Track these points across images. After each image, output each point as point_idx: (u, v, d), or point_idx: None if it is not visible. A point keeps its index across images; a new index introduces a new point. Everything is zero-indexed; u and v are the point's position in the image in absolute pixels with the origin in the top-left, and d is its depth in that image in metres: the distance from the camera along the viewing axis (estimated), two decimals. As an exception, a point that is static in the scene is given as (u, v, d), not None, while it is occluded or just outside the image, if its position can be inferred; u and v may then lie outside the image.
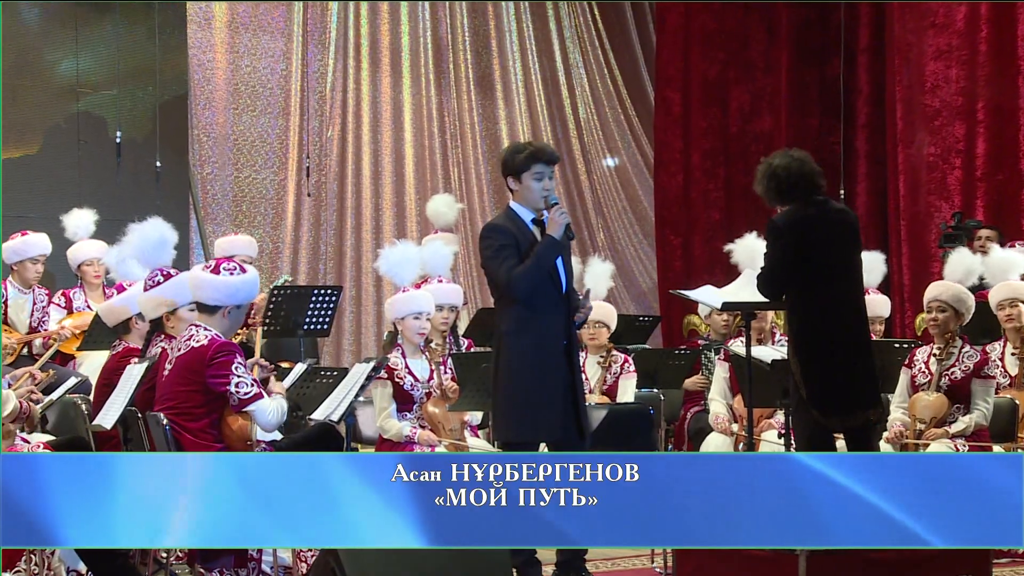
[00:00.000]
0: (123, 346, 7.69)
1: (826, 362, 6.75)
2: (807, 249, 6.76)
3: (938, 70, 11.89)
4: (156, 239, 7.70)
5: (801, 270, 6.76)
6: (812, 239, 6.77)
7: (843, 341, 6.81)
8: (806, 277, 6.77)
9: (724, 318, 10.02)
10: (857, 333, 6.94)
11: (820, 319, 6.78)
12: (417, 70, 14.07)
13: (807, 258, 6.76)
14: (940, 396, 8.05)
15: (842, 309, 6.85)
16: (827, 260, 6.81)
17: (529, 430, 6.53)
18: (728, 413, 8.63)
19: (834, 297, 6.83)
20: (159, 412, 6.48)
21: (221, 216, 12.99)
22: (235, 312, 6.64)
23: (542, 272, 6.51)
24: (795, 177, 6.88)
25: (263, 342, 9.64)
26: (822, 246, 6.80)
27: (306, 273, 13.41)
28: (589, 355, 9.19)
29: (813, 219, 6.83)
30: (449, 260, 9.34)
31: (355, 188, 13.74)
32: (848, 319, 6.87)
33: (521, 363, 6.50)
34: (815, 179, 6.91)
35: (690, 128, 13.80)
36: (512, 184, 6.65)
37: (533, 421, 6.50)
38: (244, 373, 6.46)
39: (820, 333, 6.77)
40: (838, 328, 6.80)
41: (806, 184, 6.89)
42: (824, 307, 6.78)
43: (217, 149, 13.05)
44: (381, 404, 8.07)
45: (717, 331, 10.12)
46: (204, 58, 12.99)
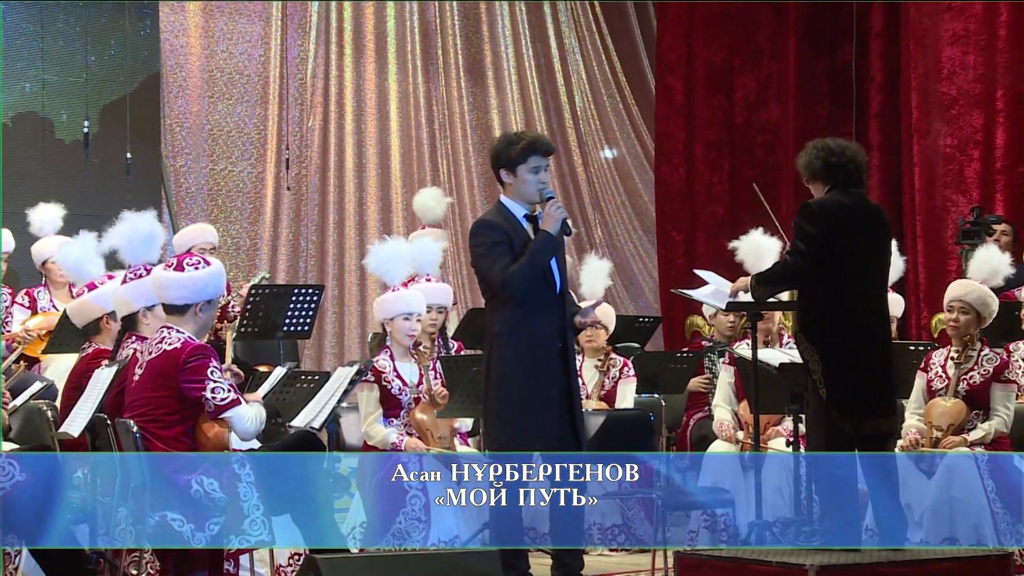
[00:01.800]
0: (93, 348, 7.66)
1: (851, 361, 6.77)
2: (841, 239, 6.77)
3: (955, 56, 11.89)
4: (147, 232, 7.67)
5: (832, 260, 6.78)
6: (848, 229, 6.79)
7: (869, 341, 6.83)
8: (836, 268, 6.79)
9: (730, 318, 10.03)
10: (883, 336, 6.96)
11: (848, 315, 6.79)
12: (404, 56, 14.06)
13: (840, 248, 6.77)
14: (958, 402, 8.06)
15: (871, 308, 6.88)
16: (860, 254, 6.83)
17: (522, 439, 6.53)
18: (733, 420, 8.63)
19: (864, 294, 6.85)
20: (129, 419, 6.47)
21: (195, 211, 12.96)
22: (206, 309, 6.64)
23: (537, 271, 6.51)
24: (848, 160, 6.94)
25: (238, 344, 9.65)
26: (857, 238, 6.82)
27: (286, 271, 13.39)
28: (586, 358, 9.19)
29: (851, 209, 6.86)
30: (438, 257, 9.33)
31: (338, 181, 13.72)
32: (875, 320, 6.89)
33: (514, 367, 6.51)
34: (864, 171, 6.98)
35: (693, 118, 13.79)
36: (505, 177, 6.65)
37: (526, 429, 6.50)
38: (220, 378, 6.45)
39: (847, 330, 6.79)
40: (865, 327, 6.82)
41: (855, 171, 6.95)
42: (853, 303, 6.81)
43: (191, 140, 13.03)
44: (367, 408, 8.07)
45: (722, 332, 10.13)
46: (177, 43, 12.96)
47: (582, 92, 14.85)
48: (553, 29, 14.76)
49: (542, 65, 14.72)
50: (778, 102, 13.49)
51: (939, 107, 11.95)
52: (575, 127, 14.82)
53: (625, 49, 14.99)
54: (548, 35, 14.75)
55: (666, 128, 13.91)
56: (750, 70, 13.65)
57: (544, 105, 14.68)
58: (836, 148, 6.98)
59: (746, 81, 13.66)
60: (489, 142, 12.78)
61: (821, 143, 7.03)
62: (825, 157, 6.97)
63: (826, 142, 7.03)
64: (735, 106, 13.71)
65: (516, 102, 14.53)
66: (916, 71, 12.14)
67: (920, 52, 12.12)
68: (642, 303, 14.66)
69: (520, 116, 14.50)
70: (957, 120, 11.89)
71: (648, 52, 14.83)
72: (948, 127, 11.91)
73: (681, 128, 13.83)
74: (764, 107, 13.59)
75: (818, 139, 7.13)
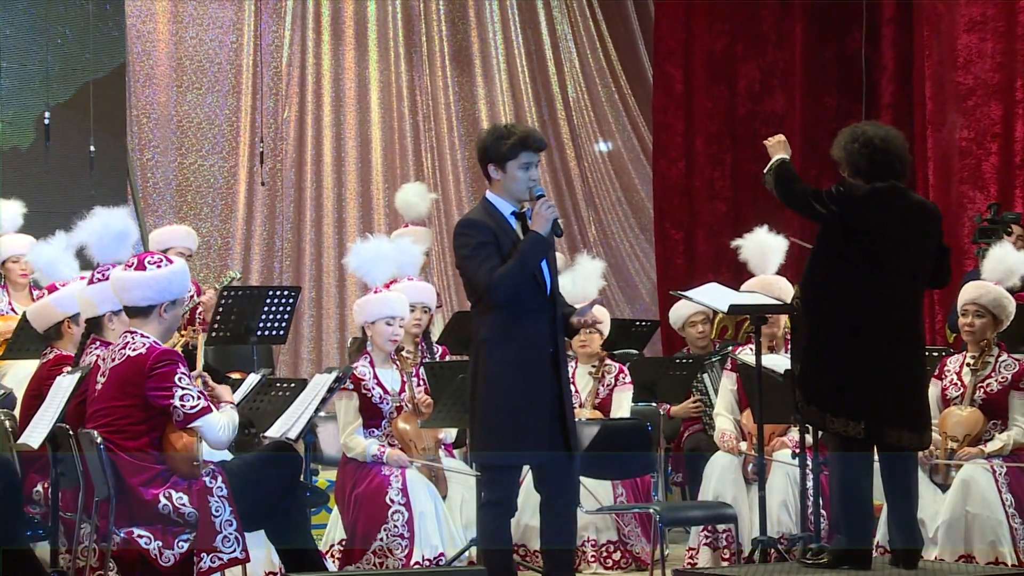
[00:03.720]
0: (54, 353, 7.66)
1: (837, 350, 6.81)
2: (874, 226, 6.80)
3: (972, 43, 11.91)
4: (119, 229, 7.67)
5: (856, 244, 6.82)
6: (883, 220, 6.82)
7: (900, 347, 6.86)
8: (858, 254, 6.82)
9: (699, 328, 10.11)
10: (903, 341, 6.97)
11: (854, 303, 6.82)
12: (385, 43, 14.06)
13: (869, 235, 6.80)
14: (974, 411, 8.08)
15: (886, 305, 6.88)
16: (891, 250, 6.84)
17: (511, 449, 6.53)
18: (736, 430, 8.64)
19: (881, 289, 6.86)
20: (92, 430, 6.47)
21: (163, 207, 12.97)
22: (171, 309, 6.65)
23: (527, 273, 6.51)
24: (894, 156, 6.96)
25: (208, 350, 9.65)
26: (891, 232, 6.84)
27: (260, 272, 13.40)
28: (579, 364, 9.20)
29: (892, 201, 6.88)
30: (419, 259, 9.33)
31: (315, 176, 13.73)
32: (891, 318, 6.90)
33: (502, 374, 6.51)
34: (907, 162, 7.01)
35: (693, 109, 13.81)
36: (493, 173, 6.65)
37: (516, 439, 6.50)
38: (189, 384, 6.45)
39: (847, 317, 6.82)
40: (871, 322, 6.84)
41: (900, 166, 6.98)
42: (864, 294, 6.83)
43: (159, 132, 13.03)
44: (346, 419, 8.07)
45: (694, 344, 10.19)
46: (144, 28, 12.96)
47: (575, 81, 14.86)
48: (544, 15, 14.78)
49: (532, 53, 14.73)
50: (783, 92, 13.50)
51: (955, 98, 11.97)
52: (568, 119, 14.83)
53: (621, 36, 15.00)
54: (539, 21, 14.76)
55: (664, 120, 13.93)
56: (753, 58, 13.67)
57: (535, 95, 14.70)
58: (880, 143, 6.97)
59: (749, 69, 13.68)
60: (476, 135, 12.76)
61: (863, 134, 6.99)
62: (871, 154, 6.96)
63: (868, 134, 7.00)
64: (738, 96, 13.73)
65: (505, 92, 14.54)
66: (930, 59, 12.16)
67: (935, 39, 12.14)
68: (639, 306, 14.68)
69: (509, 107, 14.51)
70: (974, 112, 11.91)
71: (645, 39, 14.84)
72: (964, 119, 11.93)
73: (680, 120, 13.84)
74: (768, 97, 13.61)
75: (855, 126, 7.11)
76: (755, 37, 13.66)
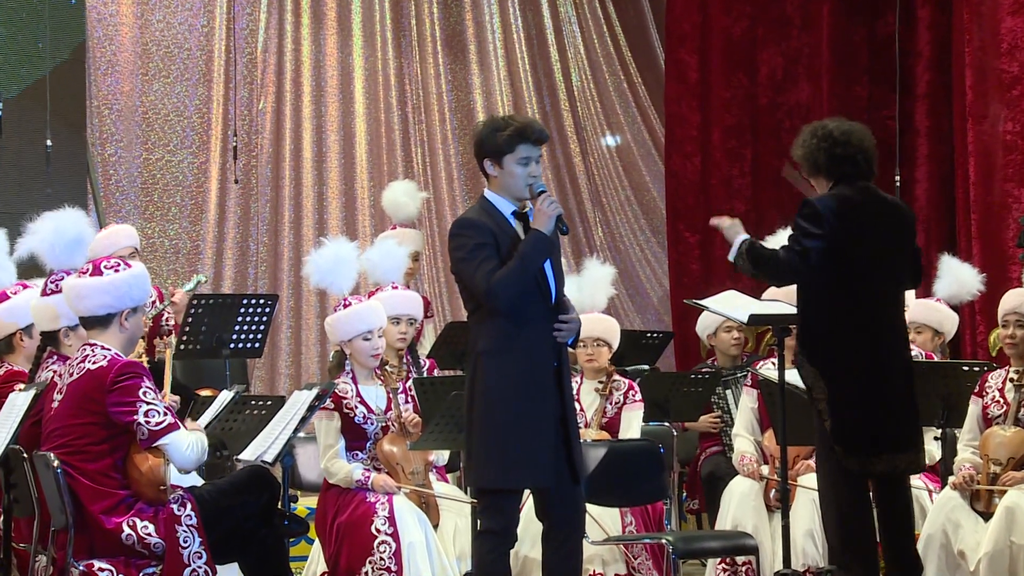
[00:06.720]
0: (5, 369, 7.68)
1: (860, 388, 6.82)
2: (850, 244, 6.82)
3: (1017, 28, 11.92)
4: (73, 235, 7.67)
5: (838, 269, 6.83)
6: (859, 232, 6.83)
7: (882, 364, 6.89)
8: (844, 278, 6.84)
9: (734, 335, 10.08)
10: (899, 356, 7.00)
11: (856, 334, 6.85)
12: (371, 27, 14.09)
13: (848, 255, 6.82)
14: (1019, 431, 8.07)
15: (885, 324, 6.92)
16: (872, 261, 6.87)
17: (512, 475, 6.53)
18: (756, 452, 8.64)
19: (876, 308, 6.90)
20: (49, 452, 6.47)
21: (127, 207, 12.97)
22: (132, 317, 6.68)
23: (528, 276, 6.51)
24: (855, 149, 6.98)
25: (177, 364, 9.64)
26: (869, 243, 6.87)
27: (233, 279, 13.41)
28: (585, 380, 9.21)
29: (863, 208, 6.90)
30: (403, 263, 9.30)
31: (294, 174, 13.74)
32: (890, 338, 6.95)
33: (502, 389, 6.50)
34: (873, 161, 7.02)
35: (709, 99, 13.83)
36: (490, 169, 6.66)
37: (516, 463, 6.49)
38: (154, 399, 6.46)
39: (856, 351, 6.84)
40: (877, 347, 6.87)
41: (864, 162, 7.02)
42: (862, 320, 6.86)
43: (122, 124, 13.04)
44: (327, 441, 8.07)
45: (726, 353, 10.17)
46: (105, 11, 12.98)
47: (580, 69, 14.89)
48: (546, -5, 14.82)
49: (533, 37, 14.75)
50: (809, 80, 13.52)
51: (998, 87, 11.98)
52: (571, 110, 14.85)
53: (630, 19, 15.03)
54: (540, 2, 14.79)
55: (678, 111, 13.94)
56: (776, 42, 13.68)
57: (535, 84, 14.72)
58: (840, 136, 7.01)
59: (771, 56, 13.70)
60: (471, 128, 12.81)
61: (822, 129, 7.05)
62: (830, 148, 7.00)
63: (828, 128, 7.05)
64: (759, 85, 13.74)
65: (503, 81, 14.56)
66: (971, 45, 12.17)
67: (976, 23, 12.14)
68: (650, 316, 14.70)
69: (507, 97, 14.53)
70: (1019, 102, 11.92)
71: (657, 22, 14.87)
72: (1009, 110, 11.94)
73: (695, 111, 13.86)
74: (793, 86, 13.62)
75: (816, 123, 7.15)
76: (778, 20, 13.67)
